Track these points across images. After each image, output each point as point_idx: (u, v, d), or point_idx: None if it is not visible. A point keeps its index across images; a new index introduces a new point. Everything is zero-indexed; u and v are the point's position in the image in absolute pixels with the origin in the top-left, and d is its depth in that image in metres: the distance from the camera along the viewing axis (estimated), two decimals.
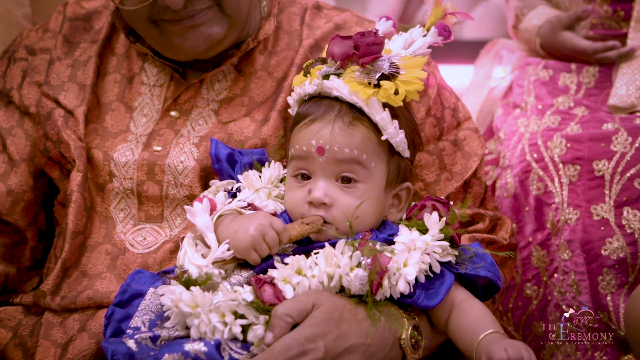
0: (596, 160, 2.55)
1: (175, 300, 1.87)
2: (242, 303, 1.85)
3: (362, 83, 2.00)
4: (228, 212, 2.01)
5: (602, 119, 2.61)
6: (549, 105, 2.71)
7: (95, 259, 2.26)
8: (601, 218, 2.52)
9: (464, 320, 1.97)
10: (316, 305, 1.87)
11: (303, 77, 2.11)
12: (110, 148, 2.30)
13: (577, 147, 2.58)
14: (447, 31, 2.09)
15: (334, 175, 2.01)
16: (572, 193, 2.56)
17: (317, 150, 1.99)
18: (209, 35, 2.23)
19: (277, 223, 1.95)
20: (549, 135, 2.64)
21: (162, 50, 2.31)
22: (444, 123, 2.37)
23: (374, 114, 2.00)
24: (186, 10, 2.18)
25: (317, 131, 2.00)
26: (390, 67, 1.99)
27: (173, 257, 2.22)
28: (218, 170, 2.17)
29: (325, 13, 2.47)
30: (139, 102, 2.36)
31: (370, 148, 2.01)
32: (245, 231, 1.92)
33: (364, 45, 2.01)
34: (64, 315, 2.22)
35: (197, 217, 1.98)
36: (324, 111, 2.02)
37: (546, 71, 2.81)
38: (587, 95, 2.69)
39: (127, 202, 2.30)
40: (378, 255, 1.89)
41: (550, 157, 2.60)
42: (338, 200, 1.99)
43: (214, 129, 2.29)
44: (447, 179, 2.35)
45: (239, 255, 1.93)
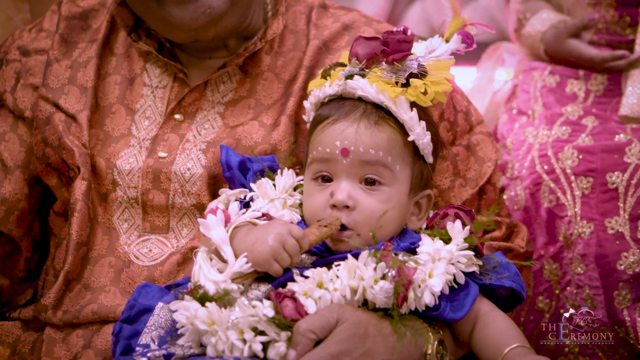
0: (609, 172, 2.48)
1: (190, 317, 1.78)
2: (263, 319, 1.76)
3: (388, 82, 1.94)
4: (243, 224, 1.92)
5: (613, 130, 2.54)
6: (558, 114, 2.63)
7: (98, 272, 2.16)
8: (616, 232, 2.45)
9: (488, 333, 1.90)
10: (340, 321, 1.78)
11: (321, 80, 2.03)
12: (113, 155, 2.20)
13: (589, 159, 2.51)
14: (470, 39, 2.04)
15: (357, 178, 1.93)
16: (585, 206, 2.49)
17: (342, 152, 1.92)
18: (210, 7, 2.13)
19: (296, 230, 1.86)
20: (560, 147, 2.57)
21: (160, 29, 2.21)
22: (457, 127, 2.30)
23: (401, 113, 1.93)
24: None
25: (342, 131, 1.93)
26: (418, 68, 1.93)
27: (180, 269, 2.14)
28: (229, 179, 2.08)
29: (331, 12, 2.39)
30: (140, 105, 2.27)
31: (396, 150, 1.94)
32: (264, 242, 1.83)
33: (394, 42, 1.95)
34: (66, 330, 2.12)
35: (211, 231, 1.89)
36: (348, 110, 1.96)
37: (553, 77, 2.73)
38: (596, 103, 2.62)
39: (131, 212, 2.20)
40: (403, 266, 1.81)
41: (562, 168, 2.53)
42: (362, 203, 1.92)
43: (221, 134, 2.20)
44: (461, 185, 2.29)
45: (259, 268, 1.84)
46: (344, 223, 1.92)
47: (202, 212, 2.15)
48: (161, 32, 2.23)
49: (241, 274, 1.84)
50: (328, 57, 2.29)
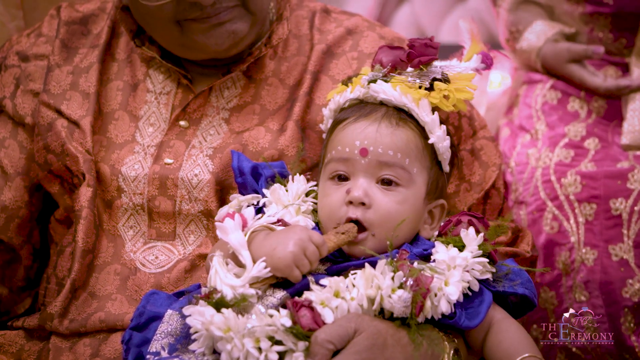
0: (613, 199, 2.46)
1: (206, 323, 1.75)
2: (281, 329, 1.74)
3: (412, 86, 1.96)
4: (259, 229, 1.90)
5: (615, 157, 2.50)
6: (561, 134, 2.58)
7: (103, 280, 2.13)
8: (620, 258, 2.43)
9: (501, 341, 1.90)
10: (358, 331, 1.77)
11: (342, 86, 2.04)
12: (117, 161, 2.18)
13: (592, 185, 2.49)
14: (489, 60, 2.05)
15: (374, 177, 1.93)
16: (589, 232, 2.47)
17: (360, 152, 1.92)
18: (234, 32, 2.13)
19: (316, 236, 1.85)
20: (563, 172, 2.53)
21: (178, 51, 2.20)
22: (462, 132, 2.30)
23: (423, 115, 1.95)
24: (213, 8, 2.09)
25: (362, 130, 1.94)
26: (442, 75, 1.96)
27: (188, 276, 2.12)
28: (241, 184, 2.06)
29: (334, 17, 2.38)
30: (144, 111, 2.24)
31: (414, 152, 1.94)
32: (285, 247, 1.82)
33: (421, 46, 1.98)
34: (72, 339, 2.10)
35: (230, 235, 1.86)
36: (369, 111, 1.97)
37: (554, 92, 2.68)
38: (597, 123, 2.59)
39: (137, 218, 2.17)
40: (420, 275, 1.80)
41: (565, 195, 2.51)
42: (378, 202, 1.91)
43: (227, 140, 2.18)
44: (466, 189, 2.29)
45: (278, 273, 1.82)
46: (359, 220, 1.91)
47: (209, 218, 2.14)
48: (178, 53, 2.22)
49: (259, 279, 1.82)
50: (332, 62, 2.28)
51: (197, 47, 2.15)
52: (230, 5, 2.12)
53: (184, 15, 2.10)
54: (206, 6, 2.07)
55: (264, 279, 1.82)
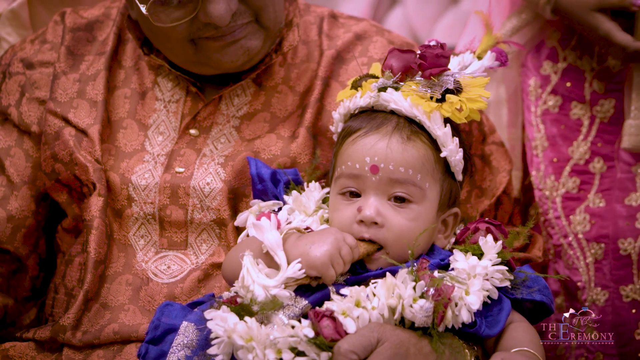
0: (621, 239, 2.42)
1: (228, 330, 1.73)
2: (304, 339, 1.72)
3: (423, 97, 1.91)
4: (291, 232, 1.88)
5: (624, 187, 2.44)
6: (565, 158, 2.50)
7: (115, 290, 2.11)
8: (632, 299, 2.40)
9: (507, 338, 1.89)
10: (381, 341, 1.75)
11: (351, 90, 2.00)
12: (127, 170, 2.15)
13: (601, 224, 2.44)
14: (504, 56, 2.01)
15: (386, 195, 1.90)
16: (599, 272, 2.43)
17: (371, 169, 1.88)
18: (248, 49, 2.12)
19: (350, 238, 1.84)
20: (572, 208, 2.48)
21: (190, 67, 2.18)
22: (472, 137, 2.29)
23: (435, 129, 1.90)
24: (228, 26, 2.07)
25: (372, 145, 1.90)
26: (454, 84, 1.90)
27: (201, 286, 2.10)
28: (262, 191, 2.04)
29: (342, 22, 2.37)
30: (153, 120, 2.22)
31: (426, 167, 1.91)
32: (321, 246, 1.80)
33: (432, 57, 1.92)
34: (85, 351, 2.07)
35: (266, 234, 1.84)
36: (380, 123, 1.92)
37: (554, 98, 2.54)
38: (601, 131, 2.49)
39: (148, 228, 2.15)
40: (442, 284, 1.79)
41: (574, 233, 2.47)
42: (391, 220, 1.89)
43: (238, 147, 2.16)
44: (477, 195, 2.28)
45: (313, 272, 1.80)
46: (373, 239, 1.89)
47: (221, 227, 2.12)
48: (190, 69, 2.20)
49: (293, 280, 1.80)
50: (342, 68, 2.26)
51: (211, 64, 2.14)
52: (245, 22, 2.10)
53: (198, 35, 2.09)
54: (221, 26, 2.06)
55: (297, 280, 1.80)
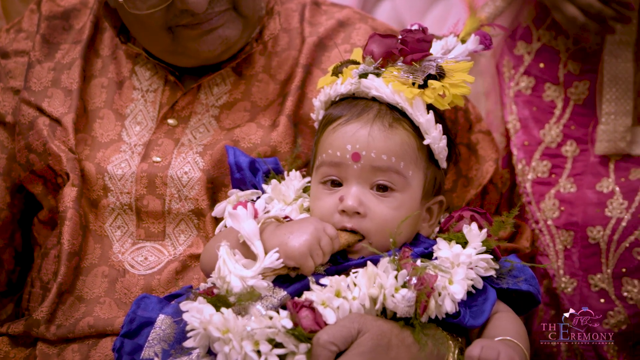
0: (590, 227, 2.36)
1: (204, 322, 1.68)
2: (281, 330, 1.67)
3: (405, 83, 1.86)
4: (269, 220, 1.84)
5: (596, 172, 2.38)
6: (537, 141, 2.45)
7: (91, 283, 2.06)
8: (600, 289, 2.35)
9: (490, 327, 1.84)
10: (362, 331, 1.70)
11: (332, 77, 1.95)
12: (103, 160, 2.10)
13: (570, 211, 2.38)
14: (488, 40, 1.96)
15: (368, 183, 1.85)
16: (568, 260, 2.38)
17: (352, 157, 1.83)
18: (226, 38, 2.07)
19: (330, 229, 1.79)
20: (542, 194, 2.43)
21: (168, 58, 2.13)
22: (458, 126, 2.24)
23: (417, 115, 1.86)
24: (205, 13, 2.02)
25: (353, 133, 1.85)
26: (437, 69, 1.85)
27: (179, 277, 2.05)
28: (240, 180, 1.99)
29: (324, 9, 2.32)
30: (131, 109, 2.16)
31: (409, 155, 1.86)
32: (300, 235, 1.76)
33: (413, 42, 1.87)
34: (60, 346, 2.02)
35: (242, 223, 1.79)
36: (361, 110, 1.87)
37: (527, 79, 2.50)
38: (575, 114, 2.43)
39: (125, 218, 2.09)
40: (425, 274, 1.74)
41: (544, 220, 2.42)
42: (373, 210, 1.84)
43: (217, 136, 2.11)
44: (463, 185, 2.23)
45: (292, 262, 1.75)
46: (356, 229, 1.84)
47: (200, 217, 2.07)
48: (169, 60, 2.15)
49: (270, 270, 1.75)
50: (324, 55, 2.22)
51: (189, 54, 2.09)
52: (222, 10, 2.05)
53: (175, 22, 2.03)
54: (198, 13, 2.01)
55: (274, 270, 1.75)
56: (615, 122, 2.32)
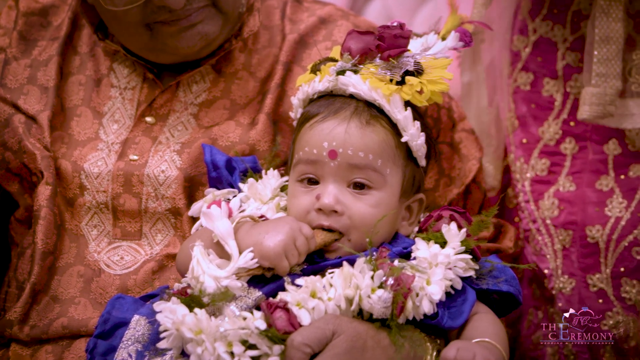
0: (589, 226, 2.33)
1: (176, 322, 1.66)
2: (255, 332, 1.64)
3: (383, 79, 1.83)
4: (244, 220, 1.81)
5: (595, 169, 2.34)
6: (535, 138, 2.41)
7: (66, 282, 2.03)
8: (598, 289, 2.30)
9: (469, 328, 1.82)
10: (337, 333, 1.67)
11: (310, 75, 1.92)
12: (80, 158, 2.07)
13: (570, 210, 2.34)
14: (468, 37, 1.94)
15: (345, 181, 1.83)
16: (567, 259, 2.33)
17: (329, 154, 1.81)
18: (206, 34, 2.04)
19: (306, 228, 1.77)
20: (540, 193, 2.40)
21: (147, 55, 2.11)
22: (441, 124, 2.22)
23: (395, 112, 1.83)
24: (183, 9, 1.99)
25: (330, 130, 1.83)
26: (414, 65, 1.82)
27: (156, 277, 2.02)
28: (216, 178, 1.97)
29: (306, 6, 2.30)
30: (108, 107, 2.14)
31: (387, 152, 1.83)
32: (275, 235, 1.73)
33: (390, 37, 1.84)
34: (34, 346, 2.00)
35: (216, 222, 1.77)
36: (338, 108, 1.85)
37: (526, 75, 2.45)
38: (575, 109, 2.40)
39: (101, 217, 2.07)
40: (401, 274, 1.71)
41: (542, 219, 2.38)
42: (351, 208, 1.82)
43: (195, 134, 2.08)
44: (446, 184, 2.21)
45: (266, 263, 1.73)
46: (333, 228, 1.81)
47: (177, 217, 2.05)
48: (148, 57, 2.12)
49: (245, 270, 1.73)
50: (305, 52, 2.19)
51: (168, 50, 2.06)
52: (201, 6, 2.02)
53: (152, 18, 2.01)
54: (176, 9, 1.98)
55: (249, 270, 1.73)
56: (606, 84, 2.26)
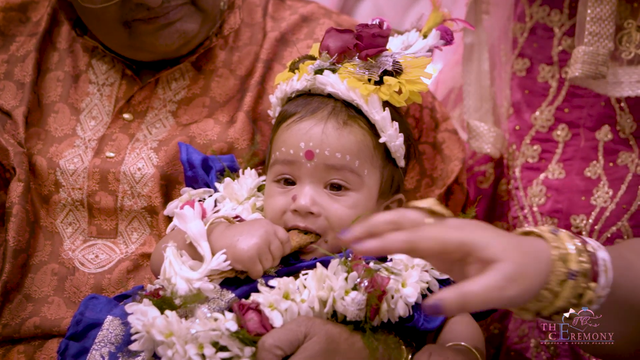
0: (574, 215, 2.31)
1: (147, 324, 1.63)
2: (225, 333, 1.62)
3: (361, 79, 1.81)
4: (219, 221, 1.78)
5: (586, 155, 2.33)
6: (527, 125, 2.38)
7: (40, 281, 2.00)
8: None
9: (446, 331, 1.80)
10: (309, 335, 1.64)
11: (289, 73, 1.90)
12: (55, 154, 2.04)
13: (556, 198, 2.32)
14: (449, 35, 1.91)
15: (322, 182, 1.81)
16: None
17: (306, 155, 1.78)
18: (184, 32, 2.02)
19: (282, 232, 1.74)
20: (529, 179, 2.37)
21: (126, 52, 2.08)
22: (423, 124, 2.19)
23: (373, 113, 1.81)
24: (161, 7, 1.97)
25: (307, 131, 1.80)
26: (393, 65, 1.80)
27: (131, 277, 2.00)
28: (192, 178, 1.94)
29: (289, 4, 2.27)
30: (86, 103, 2.11)
31: (364, 153, 1.81)
32: (250, 239, 1.71)
33: (368, 37, 1.81)
34: (6, 346, 1.97)
35: (188, 223, 1.75)
36: (316, 107, 1.83)
37: (522, 61, 2.42)
38: (570, 95, 2.38)
39: (76, 215, 2.04)
40: (376, 276, 1.68)
41: (530, 206, 2.36)
42: (328, 209, 1.79)
43: (173, 132, 2.06)
44: (427, 184, 2.18)
45: (239, 266, 1.71)
46: (309, 229, 1.79)
47: (153, 215, 2.02)
48: (127, 55, 2.10)
49: (217, 272, 1.70)
50: (287, 50, 2.16)
51: (146, 48, 2.03)
52: (179, 4, 1.99)
53: (130, 16, 1.98)
54: (154, 7, 1.95)
55: (221, 272, 1.70)
56: (598, 43, 2.22)
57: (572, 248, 1.56)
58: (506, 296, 1.45)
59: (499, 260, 1.46)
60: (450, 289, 1.43)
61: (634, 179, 2.26)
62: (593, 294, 1.57)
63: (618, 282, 1.60)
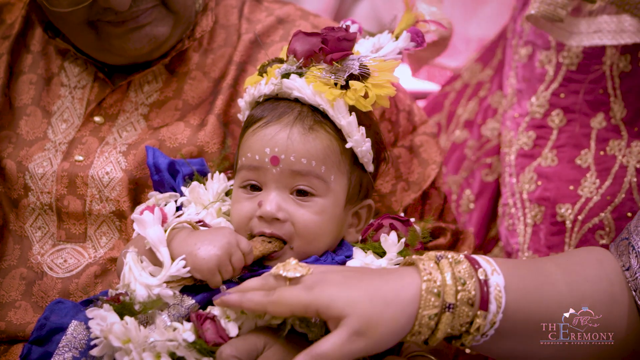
0: (560, 204, 2.29)
1: (105, 330, 1.62)
2: (182, 344, 1.60)
3: (327, 83, 1.79)
4: (181, 226, 1.77)
5: (579, 143, 2.31)
6: (524, 112, 2.39)
7: (8, 285, 1.99)
8: None
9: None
10: (268, 345, 1.63)
11: (258, 76, 1.88)
12: (25, 158, 2.03)
13: (546, 186, 2.31)
14: (420, 37, 1.88)
15: (288, 188, 1.79)
16: (535, 236, 2.30)
17: (271, 161, 1.77)
18: (155, 36, 1.99)
19: (244, 243, 1.72)
20: (522, 166, 2.36)
21: (96, 55, 2.06)
22: (399, 127, 2.16)
23: (339, 118, 1.78)
24: (130, 11, 1.94)
25: (272, 136, 1.78)
26: (360, 68, 1.77)
27: (98, 282, 1.98)
28: (158, 182, 1.92)
29: (265, 6, 2.24)
30: (58, 106, 2.10)
31: (331, 158, 1.79)
32: (210, 248, 1.68)
33: (334, 40, 1.79)
34: None
35: (148, 229, 1.73)
36: (282, 112, 1.80)
37: (525, 49, 2.43)
38: (567, 80, 2.35)
39: (45, 219, 2.03)
40: None
41: (520, 192, 2.34)
42: (294, 215, 1.78)
43: (143, 136, 2.04)
44: (403, 189, 2.15)
45: (198, 275, 1.69)
46: (275, 235, 1.77)
47: (121, 219, 2.00)
48: (98, 57, 2.07)
49: (177, 278, 1.69)
50: (261, 52, 2.14)
51: (114, 51, 2.01)
52: (149, 7, 1.96)
53: (97, 18, 1.96)
54: (121, 10, 1.92)
55: (180, 279, 1.69)
56: None
57: (449, 277, 1.54)
58: (357, 349, 1.49)
59: (345, 316, 1.50)
60: (302, 354, 1.48)
61: (620, 170, 2.24)
62: (482, 321, 1.55)
63: (515, 307, 1.58)
